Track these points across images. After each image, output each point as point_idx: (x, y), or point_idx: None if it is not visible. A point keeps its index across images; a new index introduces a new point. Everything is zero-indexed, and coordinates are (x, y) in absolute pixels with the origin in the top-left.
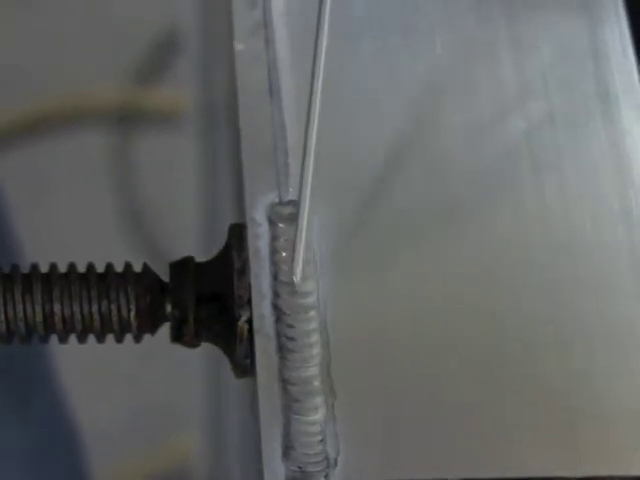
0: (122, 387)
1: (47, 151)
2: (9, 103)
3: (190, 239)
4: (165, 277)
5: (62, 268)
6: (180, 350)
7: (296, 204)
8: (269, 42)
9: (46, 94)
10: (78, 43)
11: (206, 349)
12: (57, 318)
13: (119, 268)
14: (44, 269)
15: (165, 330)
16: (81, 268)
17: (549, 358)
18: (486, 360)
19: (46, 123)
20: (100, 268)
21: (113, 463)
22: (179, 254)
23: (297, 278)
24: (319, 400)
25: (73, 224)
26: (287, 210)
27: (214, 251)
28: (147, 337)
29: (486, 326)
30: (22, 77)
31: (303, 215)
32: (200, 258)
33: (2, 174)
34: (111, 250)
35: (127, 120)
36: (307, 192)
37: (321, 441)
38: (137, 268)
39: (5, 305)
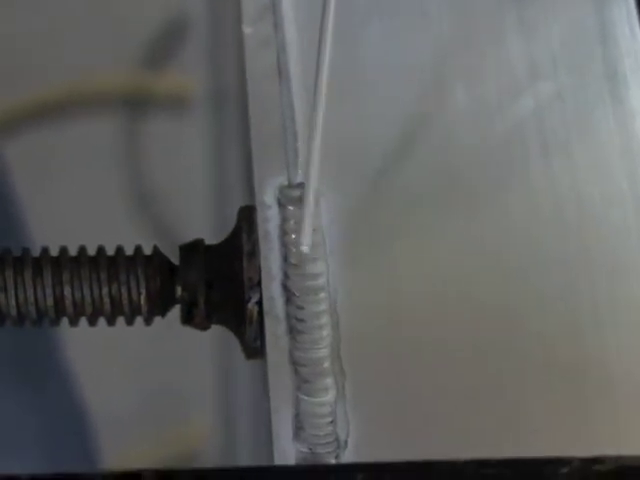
0: (132, 370)
1: (55, 137)
2: (17, 89)
3: (199, 223)
4: (175, 260)
5: (72, 252)
6: (190, 333)
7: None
8: (278, 25)
9: (54, 80)
10: (85, 28)
11: (216, 332)
12: (67, 301)
13: (129, 252)
14: (54, 253)
15: (175, 313)
16: (91, 252)
17: (560, 338)
18: (497, 339)
19: (54, 109)
20: (110, 252)
21: (123, 447)
22: (188, 237)
23: (306, 248)
24: (329, 381)
25: (82, 209)
26: (296, 192)
27: (223, 234)
28: (157, 320)
29: (497, 307)
30: (29, 63)
31: (310, 186)
32: (209, 241)
33: (11, 160)
34: (120, 234)
35: (136, 105)
36: (316, 157)
37: (331, 422)
38: (147, 252)
39: (16, 289)
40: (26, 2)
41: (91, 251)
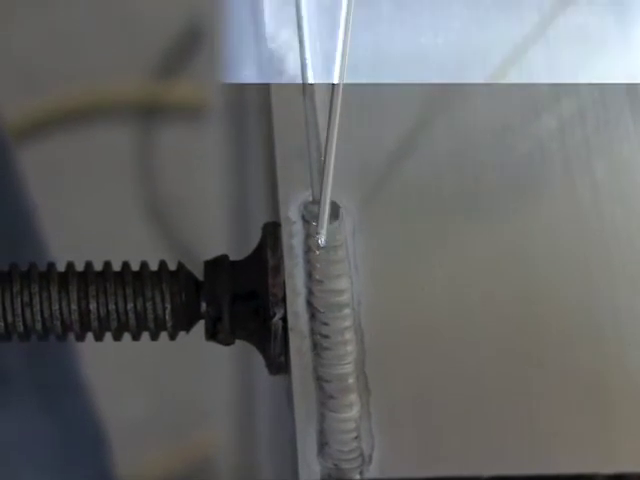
0: (149, 381)
1: (72, 145)
2: (34, 98)
3: (218, 236)
4: (197, 275)
5: (95, 266)
6: (208, 345)
7: (330, 203)
8: (301, 41)
9: (70, 89)
10: (100, 37)
11: (235, 346)
12: (93, 316)
13: (153, 266)
14: (79, 267)
15: (197, 327)
16: (116, 268)
17: (581, 346)
18: (521, 350)
19: (71, 117)
20: (134, 266)
21: (140, 458)
22: (206, 250)
23: (322, 240)
24: (353, 397)
25: (98, 219)
26: None
27: (243, 248)
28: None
29: (521, 317)
30: (45, 72)
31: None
32: (228, 254)
33: (26, 169)
34: (136, 245)
35: (152, 114)
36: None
37: (356, 438)
38: (171, 268)
39: (41, 304)
40: (43, 12)
41: (115, 267)
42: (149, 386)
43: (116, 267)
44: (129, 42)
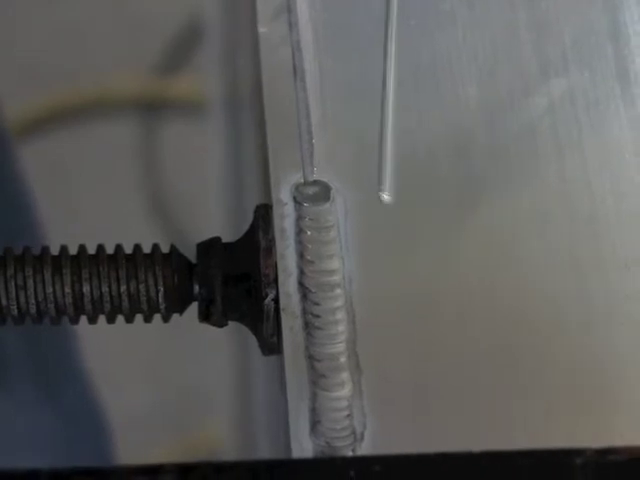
0: (147, 369)
1: (74, 140)
2: (36, 95)
3: (215, 223)
4: (192, 259)
5: (90, 251)
6: (206, 332)
7: (320, 184)
8: (292, 25)
9: (72, 85)
10: (101, 34)
11: (232, 330)
12: (86, 299)
13: (146, 250)
14: (73, 251)
15: (190, 312)
16: (109, 251)
17: (572, 335)
18: (513, 333)
19: (73, 114)
20: (128, 250)
21: (140, 445)
22: (204, 237)
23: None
24: (345, 376)
25: (100, 214)
26: (312, 190)
27: (239, 234)
28: (173, 318)
29: (511, 299)
30: (47, 68)
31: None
32: (226, 240)
33: (28, 164)
34: (137, 235)
35: (152, 109)
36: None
37: (348, 416)
38: (164, 251)
39: (35, 287)
40: (46, 9)
41: (109, 250)
42: (146, 373)
43: (109, 251)
44: (130, 39)
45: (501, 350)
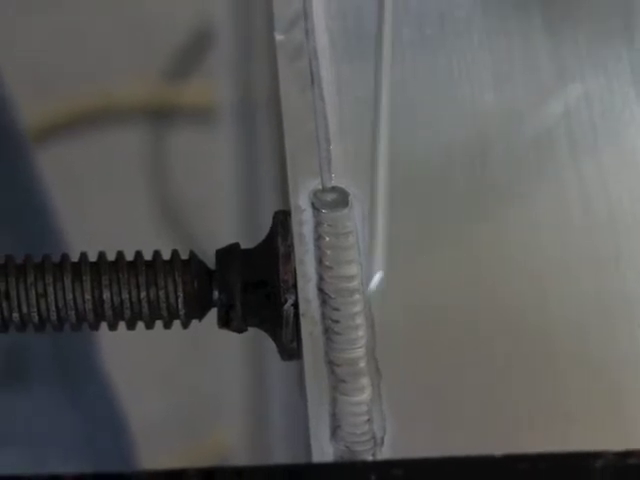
0: (165, 373)
1: (86, 147)
2: (46, 101)
3: (230, 235)
4: (210, 266)
5: (108, 257)
6: (220, 340)
7: (338, 190)
8: (309, 32)
9: (80, 92)
10: (112, 40)
11: (247, 337)
12: (107, 306)
13: (166, 256)
14: (92, 258)
15: (206, 320)
16: (127, 257)
17: (593, 337)
18: (531, 337)
19: (83, 120)
20: (147, 257)
21: (157, 449)
22: (220, 245)
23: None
24: (365, 380)
25: (111, 220)
26: (330, 196)
27: (256, 241)
28: (192, 325)
29: (529, 304)
30: (56, 75)
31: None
32: (242, 247)
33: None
34: (147, 241)
35: (163, 115)
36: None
37: (368, 421)
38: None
39: (55, 294)
40: (55, 15)
41: (127, 256)
42: (164, 379)
43: (129, 258)
44: (140, 44)
45: (521, 354)
